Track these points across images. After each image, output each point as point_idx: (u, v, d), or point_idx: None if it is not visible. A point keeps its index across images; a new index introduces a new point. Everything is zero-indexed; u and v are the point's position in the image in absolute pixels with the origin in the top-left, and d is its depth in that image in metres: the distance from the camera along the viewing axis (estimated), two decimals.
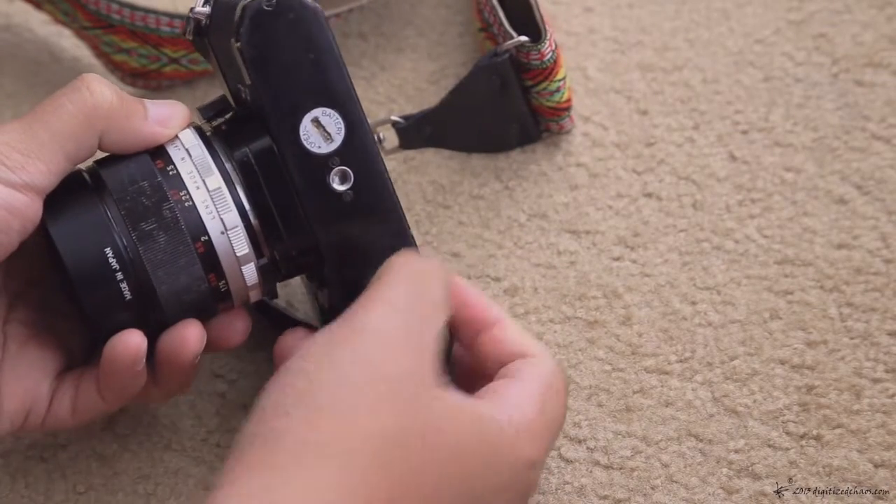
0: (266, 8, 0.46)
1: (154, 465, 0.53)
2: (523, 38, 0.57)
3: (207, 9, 0.49)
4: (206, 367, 0.55)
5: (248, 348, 0.55)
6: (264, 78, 0.47)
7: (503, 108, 0.59)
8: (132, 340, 0.46)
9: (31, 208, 0.45)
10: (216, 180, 0.47)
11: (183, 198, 0.47)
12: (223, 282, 0.47)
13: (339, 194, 0.47)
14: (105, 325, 0.47)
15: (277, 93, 0.47)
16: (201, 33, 0.50)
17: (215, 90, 0.63)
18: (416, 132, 0.58)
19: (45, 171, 0.45)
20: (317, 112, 0.47)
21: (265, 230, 0.48)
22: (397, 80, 0.64)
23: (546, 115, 0.60)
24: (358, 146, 0.47)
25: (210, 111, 0.49)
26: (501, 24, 0.58)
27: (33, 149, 0.45)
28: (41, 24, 0.66)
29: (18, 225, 0.45)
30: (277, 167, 0.47)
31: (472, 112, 0.59)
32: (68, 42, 0.65)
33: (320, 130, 0.47)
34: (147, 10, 0.61)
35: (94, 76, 0.47)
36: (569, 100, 0.59)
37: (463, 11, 0.65)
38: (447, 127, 0.59)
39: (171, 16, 0.61)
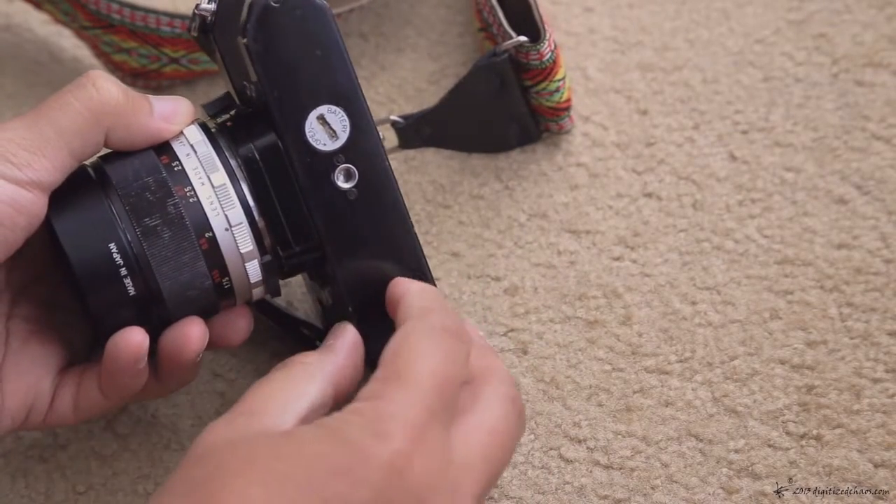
0: (273, 5, 0.46)
1: (154, 465, 0.53)
2: (522, 38, 0.57)
3: (213, 6, 0.49)
4: (205, 367, 0.55)
5: (249, 348, 0.55)
6: (270, 75, 0.47)
7: (503, 108, 0.59)
8: (134, 338, 0.46)
9: (36, 205, 0.45)
10: (221, 177, 0.47)
11: (188, 194, 0.47)
12: (226, 279, 0.47)
13: (344, 192, 0.47)
14: (108, 321, 0.47)
15: (283, 89, 0.47)
16: (206, 30, 0.50)
17: (215, 90, 0.63)
18: (415, 132, 0.58)
19: (50, 167, 0.45)
20: (322, 109, 0.47)
21: (269, 227, 0.48)
22: (397, 80, 0.64)
23: (546, 115, 0.60)
24: (363, 144, 0.47)
25: (214, 108, 0.49)
26: (501, 24, 0.58)
27: (39, 146, 0.45)
28: (41, 24, 0.66)
29: (24, 221, 0.45)
30: (282, 164, 0.47)
31: (471, 112, 0.59)
32: (68, 42, 0.65)
33: (326, 128, 0.47)
34: (147, 10, 0.61)
35: (99, 73, 0.47)
36: (568, 100, 0.59)
37: (463, 11, 0.65)
38: (447, 127, 0.59)
39: (172, 16, 0.61)
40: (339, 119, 0.47)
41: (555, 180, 0.60)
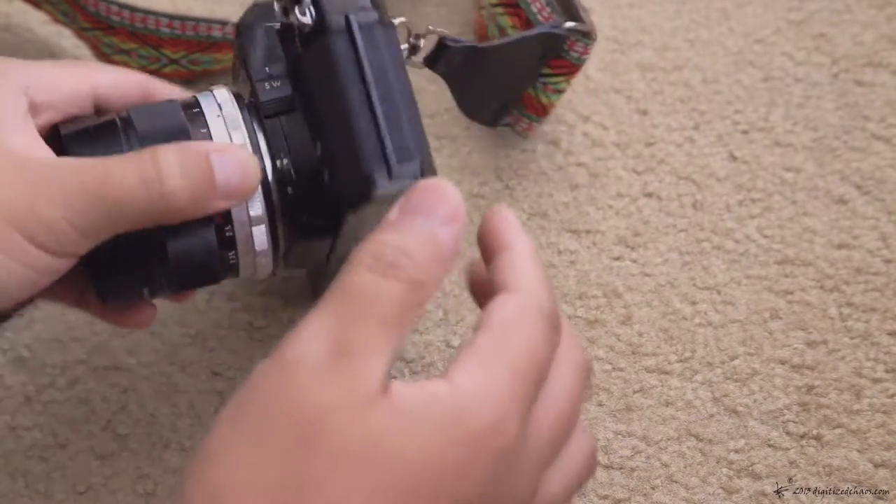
0: (387, 193, 0.43)
1: (153, 465, 0.53)
2: (584, 26, 0.55)
3: (309, 20, 0.45)
4: (204, 366, 0.55)
5: (248, 345, 0.55)
6: (346, 242, 0.45)
7: (517, 82, 0.57)
8: (147, 313, 0.48)
9: (63, 264, 0.44)
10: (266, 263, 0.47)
11: (230, 258, 0.46)
12: (233, 252, 0.47)
13: None
14: (118, 303, 0.47)
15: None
16: (286, 36, 0.47)
17: None
18: (450, 57, 0.53)
19: (89, 245, 0.44)
20: None
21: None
22: None
23: (528, 110, 0.59)
24: None
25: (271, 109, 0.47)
26: (544, 4, 0.56)
27: (92, 232, 0.43)
28: (41, 24, 0.66)
29: (46, 280, 0.44)
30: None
31: (499, 70, 0.56)
32: (68, 42, 0.65)
33: None
34: (147, 12, 0.61)
35: (168, 164, 0.43)
36: (554, 107, 0.58)
37: (463, 12, 0.65)
38: (473, 71, 0.55)
39: (171, 17, 0.61)
40: None
41: (555, 180, 0.60)
